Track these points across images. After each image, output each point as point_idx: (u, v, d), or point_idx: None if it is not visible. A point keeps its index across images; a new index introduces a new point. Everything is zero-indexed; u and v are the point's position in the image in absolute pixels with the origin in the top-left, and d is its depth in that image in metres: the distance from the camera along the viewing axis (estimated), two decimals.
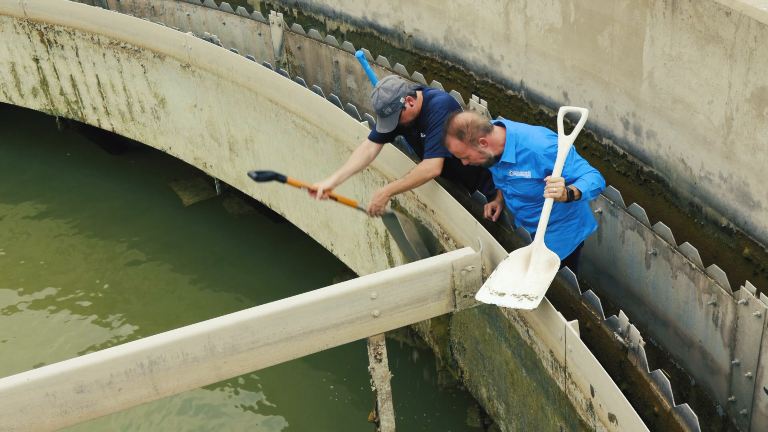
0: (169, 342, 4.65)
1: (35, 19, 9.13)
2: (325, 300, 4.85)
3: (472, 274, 5.06)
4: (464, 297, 5.11)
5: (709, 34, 5.01)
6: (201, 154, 8.53)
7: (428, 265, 5.00)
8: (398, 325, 5.09)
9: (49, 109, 9.85)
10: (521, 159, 5.24)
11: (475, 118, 5.22)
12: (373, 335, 5.06)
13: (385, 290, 4.94)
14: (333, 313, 4.88)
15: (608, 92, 5.99)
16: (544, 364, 4.82)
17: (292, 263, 8.56)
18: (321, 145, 6.81)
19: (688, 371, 5.52)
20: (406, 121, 5.72)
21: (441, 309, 5.13)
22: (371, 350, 5.14)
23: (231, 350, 4.76)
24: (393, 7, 7.99)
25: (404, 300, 5.00)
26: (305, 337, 4.88)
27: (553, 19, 6.26)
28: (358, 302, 4.91)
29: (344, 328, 4.94)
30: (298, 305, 4.81)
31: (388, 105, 5.59)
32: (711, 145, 5.24)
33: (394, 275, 4.95)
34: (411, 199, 5.94)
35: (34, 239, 9.29)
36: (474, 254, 5.04)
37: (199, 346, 4.70)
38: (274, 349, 4.85)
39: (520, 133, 5.26)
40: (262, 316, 4.76)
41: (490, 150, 5.26)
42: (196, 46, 7.76)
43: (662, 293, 5.55)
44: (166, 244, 9.04)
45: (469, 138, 5.20)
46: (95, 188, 10.07)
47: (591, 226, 5.61)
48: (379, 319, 4.98)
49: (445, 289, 5.07)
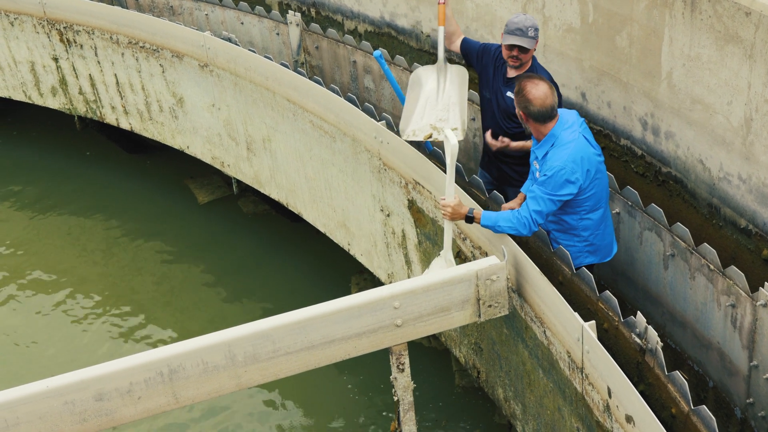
0: (189, 350, 4.62)
1: (55, 18, 9.18)
2: (347, 309, 4.79)
3: (497, 284, 4.99)
4: (489, 307, 5.03)
5: (728, 34, 4.99)
6: (219, 153, 8.56)
7: (452, 275, 4.93)
8: (421, 335, 5.03)
9: (68, 108, 9.90)
10: (545, 160, 5.24)
11: (537, 100, 5.13)
12: (395, 345, 4.99)
13: (409, 299, 4.86)
14: (355, 323, 4.82)
15: (626, 93, 5.97)
16: (561, 365, 4.81)
17: (309, 262, 8.56)
18: (338, 144, 6.82)
19: (706, 373, 5.50)
20: (525, 60, 5.84)
21: (465, 319, 5.06)
22: (394, 360, 5.07)
23: (251, 359, 4.72)
24: (411, 7, 7.99)
25: (428, 309, 4.93)
26: (326, 346, 4.82)
27: (571, 19, 6.25)
28: (380, 311, 4.84)
29: (366, 338, 4.88)
30: (319, 314, 4.76)
31: (533, 28, 5.72)
32: (730, 146, 5.22)
33: (417, 284, 4.88)
34: (428, 199, 5.94)
35: (50, 238, 9.34)
36: (499, 263, 4.96)
37: (220, 355, 4.66)
38: (294, 358, 4.80)
39: (559, 141, 5.19)
40: (282, 325, 4.72)
41: (527, 127, 5.31)
42: (214, 45, 7.78)
43: (680, 294, 5.53)
44: (182, 243, 9.06)
45: (518, 101, 5.25)
46: (113, 187, 10.10)
47: (601, 257, 5.58)
48: (402, 328, 4.92)
49: (470, 299, 5.00)
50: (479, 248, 5.51)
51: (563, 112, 5.29)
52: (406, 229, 6.39)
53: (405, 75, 7.69)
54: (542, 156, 5.26)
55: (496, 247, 5.26)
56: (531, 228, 5.10)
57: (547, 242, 5.34)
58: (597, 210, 5.36)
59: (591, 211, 5.34)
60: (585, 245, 5.48)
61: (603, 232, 5.48)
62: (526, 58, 5.83)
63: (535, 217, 5.09)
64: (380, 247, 6.89)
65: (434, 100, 6.26)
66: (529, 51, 5.80)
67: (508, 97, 5.91)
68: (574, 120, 5.28)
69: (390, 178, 6.34)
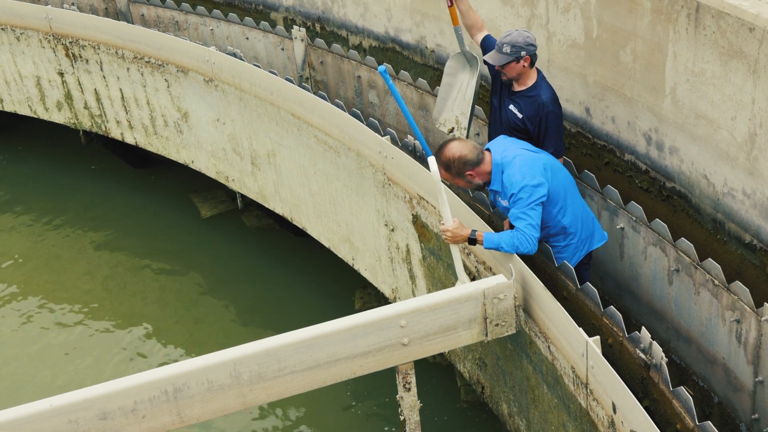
0: (194, 369, 4.60)
1: (61, 33, 9.22)
2: (353, 327, 4.76)
3: (504, 303, 4.97)
4: (496, 326, 5.01)
5: (732, 49, 4.99)
6: (223, 167, 8.58)
7: (459, 293, 4.91)
8: (428, 353, 5.00)
9: (73, 122, 9.93)
10: (504, 188, 5.34)
11: (465, 153, 5.32)
12: (402, 364, 4.96)
13: (415, 318, 4.84)
14: (361, 341, 4.79)
15: (630, 108, 5.97)
16: (566, 381, 4.80)
17: (313, 277, 8.56)
18: (343, 159, 6.83)
19: (711, 388, 5.48)
20: (511, 76, 5.83)
21: (472, 338, 5.03)
22: (400, 379, 5.04)
23: (257, 378, 4.70)
24: (415, 23, 8.01)
25: (434, 328, 4.90)
26: (332, 365, 4.80)
27: (575, 34, 6.26)
28: (387, 330, 4.81)
29: (372, 357, 4.85)
30: (325, 333, 4.73)
31: (510, 45, 5.69)
32: (734, 161, 5.22)
33: (424, 303, 4.86)
34: (432, 214, 5.95)
35: (54, 252, 9.34)
36: (506, 282, 4.94)
37: (225, 374, 4.64)
38: (300, 377, 4.78)
39: (504, 164, 5.34)
40: (288, 344, 4.69)
41: (479, 180, 5.41)
42: (219, 60, 7.81)
43: (685, 310, 5.52)
44: (186, 258, 9.06)
45: (456, 171, 5.35)
46: (118, 201, 10.12)
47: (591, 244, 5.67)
48: (409, 347, 4.89)
49: (476, 318, 4.97)
50: (483, 263, 5.51)
51: (489, 146, 5.49)
52: (410, 244, 6.39)
53: (409, 90, 7.71)
54: (501, 188, 5.37)
55: (500, 262, 5.26)
56: (533, 243, 5.12)
57: (551, 257, 5.34)
58: (569, 201, 5.47)
59: (565, 206, 5.44)
60: (577, 239, 5.56)
61: (585, 219, 5.59)
62: (511, 74, 5.83)
63: (530, 231, 5.13)
64: (384, 262, 6.89)
65: (463, 92, 6.44)
66: (508, 67, 5.79)
67: (509, 110, 5.93)
68: (501, 141, 5.52)
69: (394, 192, 6.35)
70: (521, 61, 5.72)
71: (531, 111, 5.81)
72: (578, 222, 5.52)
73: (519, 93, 5.88)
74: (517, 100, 5.88)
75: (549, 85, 5.92)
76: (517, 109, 5.87)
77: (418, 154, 6.43)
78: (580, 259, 5.62)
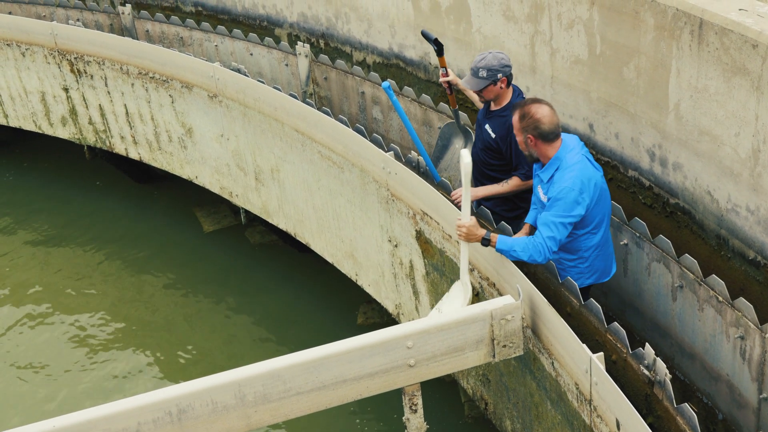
0: (198, 390, 4.55)
1: (66, 49, 9.26)
2: (360, 349, 4.71)
3: (512, 324, 4.91)
4: (503, 347, 4.95)
5: (735, 66, 5.00)
6: (227, 183, 8.59)
7: (466, 314, 4.85)
8: (435, 375, 4.94)
9: (77, 138, 9.95)
10: (551, 183, 5.27)
11: (545, 121, 5.21)
12: (408, 385, 4.91)
13: (422, 339, 4.79)
14: (367, 362, 4.74)
15: (634, 124, 5.98)
16: (570, 397, 4.79)
17: (316, 292, 8.56)
18: (346, 175, 6.84)
19: (716, 405, 5.46)
20: (488, 98, 5.95)
21: (479, 359, 4.97)
22: (406, 400, 4.98)
23: (262, 399, 4.65)
24: (419, 39, 8.04)
25: (441, 349, 4.85)
26: (338, 386, 4.75)
27: (578, 51, 6.28)
28: (393, 351, 4.76)
29: (379, 378, 4.80)
30: (331, 353, 4.69)
31: (486, 69, 5.78)
32: (738, 178, 5.22)
33: (431, 324, 4.81)
34: (436, 230, 5.95)
35: (57, 268, 9.35)
36: (514, 303, 4.88)
37: (229, 395, 4.59)
38: (306, 398, 4.73)
39: (564, 163, 5.24)
40: (294, 365, 4.64)
41: (534, 151, 5.32)
42: (223, 76, 7.83)
43: (689, 326, 5.51)
44: (190, 274, 9.06)
45: (525, 126, 5.26)
46: (122, 217, 10.13)
47: (600, 278, 5.60)
48: (415, 368, 4.83)
49: (484, 339, 4.91)
50: (487, 279, 5.51)
51: (564, 136, 5.35)
52: (413, 259, 6.39)
53: (413, 106, 7.72)
54: (547, 179, 5.29)
55: (503, 278, 5.25)
56: (546, 255, 5.09)
57: (555, 273, 5.33)
58: (599, 230, 5.39)
59: (594, 233, 5.37)
60: (587, 266, 5.49)
61: (604, 252, 5.51)
62: (489, 96, 5.93)
63: (550, 244, 5.09)
64: (388, 277, 6.89)
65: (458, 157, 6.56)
66: (486, 90, 5.87)
67: (485, 129, 6.03)
68: (576, 143, 5.36)
69: (398, 208, 6.35)
70: (498, 83, 5.82)
71: (503, 131, 5.90)
72: (596, 252, 5.45)
73: (494, 113, 6.01)
74: (491, 120, 6.00)
75: None
76: (491, 129, 5.99)
77: (421, 169, 6.44)
78: (582, 286, 5.53)
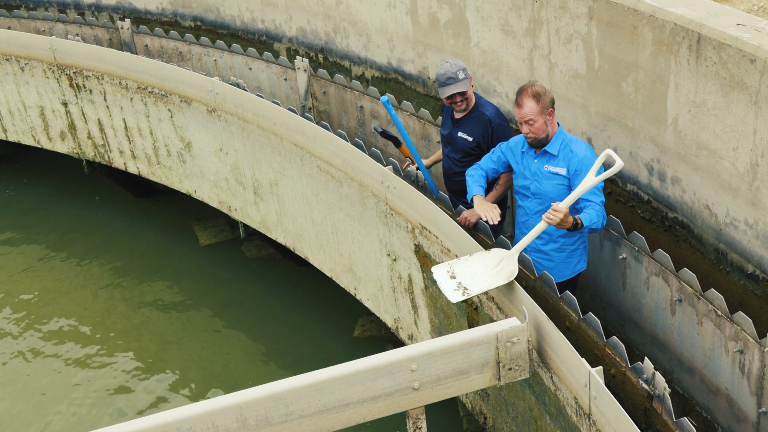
0: (199, 413, 4.49)
1: (65, 64, 9.27)
2: (363, 371, 4.66)
3: (518, 346, 4.86)
4: (509, 370, 4.89)
5: (733, 80, 5.02)
6: (226, 197, 8.59)
7: (471, 337, 4.80)
8: (439, 398, 4.88)
9: (76, 152, 9.96)
10: (562, 156, 5.49)
11: (544, 87, 5.47)
12: (412, 408, 4.85)
13: (426, 362, 4.73)
14: (371, 385, 4.69)
15: (632, 138, 5.99)
16: (569, 411, 4.78)
17: (315, 306, 8.55)
18: (345, 189, 6.84)
19: (715, 419, 5.45)
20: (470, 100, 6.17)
21: (484, 382, 4.91)
22: (410, 424, 4.91)
23: (264, 422, 4.59)
24: (417, 53, 8.06)
25: (446, 372, 4.79)
26: (341, 409, 4.69)
27: (577, 65, 6.30)
28: (397, 374, 4.70)
29: (382, 401, 4.74)
30: (334, 376, 4.64)
31: (460, 70, 6.03)
32: (736, 192, 5.22)
33: (435, 346, 4.75)
34: (435, 244, 5.95)
35: (56, 283, 9.34)
36: (520, 325, 4.83)
37: (231, 418, 4.53)
38: (308, 421, 4.67)
39: (569, 136, 5.56)
40: (296, 388, 4.59)
41: (549, 130, 5.50)
42: (222, 91, 7.84)
43: (688, 340, 5.51)
44: (188, 289, 9.05)
45: (544, 104, 5.40)
46: (121, 231, 10.12)
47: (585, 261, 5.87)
48: (420, 391, 4.78)
49: (489, 362, 4.85)
50: (485, 292, 5.50)
51: None
52: (412, 273, 6.39)
53: (412, 120, 7.74)
54: (557, 152, 5.50)
55: (502, 292, 5.25)
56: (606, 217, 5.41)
57: (553, 287, 5.32)
58: None
59: None
60: (585, 246, 5.77)
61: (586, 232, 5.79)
62: (470, 97, 6.17)
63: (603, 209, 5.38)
64: (387, 291, 6.88)
65: None
66: (467, 91, 6.12)
67: (459, 138, 6.26)
68: None
69: (397, 222, 6.35)
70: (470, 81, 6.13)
71: (480, 130, 6.14)
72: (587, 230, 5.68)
73: (463, 119, 6.21)
74: (463, 127, 6.22)
75: (489, 101, 6.28)
76: (466, 134, 6.20)
77: (420, 183, 6.44)
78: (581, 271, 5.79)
